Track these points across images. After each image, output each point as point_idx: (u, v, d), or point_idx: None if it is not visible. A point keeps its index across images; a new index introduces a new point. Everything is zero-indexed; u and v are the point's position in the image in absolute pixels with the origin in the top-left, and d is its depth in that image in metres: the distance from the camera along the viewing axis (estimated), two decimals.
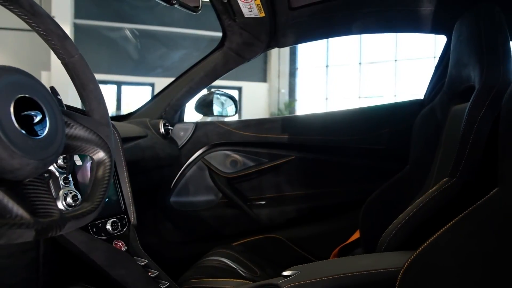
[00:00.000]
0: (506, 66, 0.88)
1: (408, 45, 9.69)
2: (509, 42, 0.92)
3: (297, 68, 11.33)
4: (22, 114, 0.48)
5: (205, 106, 1.59)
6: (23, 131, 0.47)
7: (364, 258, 0.85)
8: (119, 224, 0.90)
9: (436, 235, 0.62)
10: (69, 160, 0.76)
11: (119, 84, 9.87)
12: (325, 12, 1.26)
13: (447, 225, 0.62)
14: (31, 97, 0.50)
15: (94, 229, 0.85)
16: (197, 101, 1.59)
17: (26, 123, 0.48)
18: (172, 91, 1.48)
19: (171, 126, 1.47)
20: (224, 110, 1.69)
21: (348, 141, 1.49)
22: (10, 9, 0.53)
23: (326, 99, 11.21)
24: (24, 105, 0.48)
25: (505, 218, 0.56)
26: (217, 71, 1.42)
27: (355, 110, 1.59)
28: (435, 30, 1.27)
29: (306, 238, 1.44)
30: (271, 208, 1.50)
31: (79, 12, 8.92)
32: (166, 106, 1.49)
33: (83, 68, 0.63)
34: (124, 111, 7.69)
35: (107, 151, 0.64)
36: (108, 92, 9.19)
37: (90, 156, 0.64)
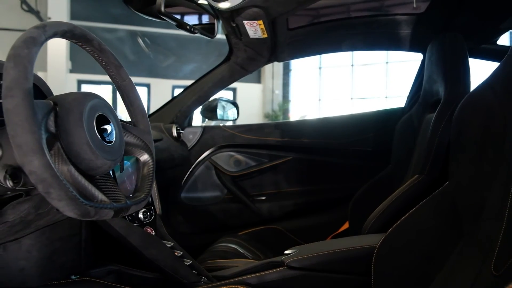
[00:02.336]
0: (465, 84, 1.08)
1: None
2: (468, 64, 1.12)
3: (291, 70, 11.46)
4: (100, 127, 0.66)
5: (209, 111, 1.76)
6: (101, 140, 0.65)
7: (350, 239, 1.04)
8: (148, 213, 1.07)
9: (402, 218, 0.82)
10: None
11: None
12: (318, 33, 1.45)
13: (411, 211, 0.82)
14: (104, 115, 0.68)
15: (129, 217, 1.03)
16: (203, 107, 1.75)
17: (101, 133, 0.66)
18: (183, 99, 1.65)
19: (182, 130, 1.64)
20: (226, 114, 1.86)
21: (338, 143, 1.67)
22: (84, 48, 0.71)
23: (319, 100, 11.35)
24: (99, 120, 0.66)
25: (450, 204, 0.76)
26: (223, 81, 1.59)
27: (345, 116, 1.78)
28: (413, 49, 1.47)
29: (302, 228, 1.62)
30: (271, 202, 1.68)
31: (75, 13, 8.95)
32: (177, 112, 1.65)
33: (132, 89, 0.82)
34: (119, 111, 7.73)
35: (150, 153, 0.82)
36: (103, 93, 9.25)
37: (137, 158, 0.83)
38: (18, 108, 0.49)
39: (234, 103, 1.89)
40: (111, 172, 0.91)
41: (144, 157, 0.82)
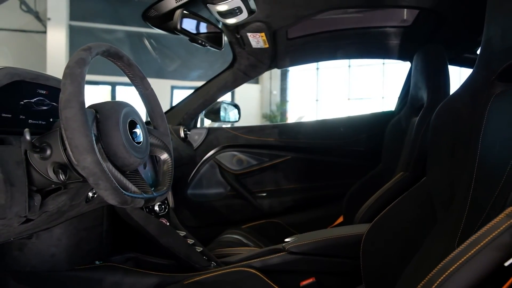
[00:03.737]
0: (445, 91, 1.21)
1: None
2: (448, 73, 1.26)
3: (289, 70, 11.53)
4: (131, 130, 0.79)
5: (213, 113, 1.88)
6: (132, 141, 0.77)
7: (342, 228, 1.17)
8: (162, 206, 1.20)
9: (386, 209, 0.95)
10: None
11: (113, 84, 10.04)
12: (314, 42, 1.57)
13: (393, 202, 0.95)
14: (134, 120, 0.81)
15: (147, 209, 1.15)
16: (207, 109, 1.87)
17: (132, 135, 0.79)
18: (189, 102, 1.78)
19: (188, 131, 1.76)
20: (227, 116, 1.98)
21: (334, 144, 1.80)
22: (115, 63, 0.84)
23: (317, 100, 11.45)
24: (130, 124, 0.79)
25: (427, 196, 0.89)
26: (227, 86, 1.72)
27: (339, 119, 1.91)
28: (401, 57, 1.61)
29: (300, 222, 1.75)
30: (271, 198, 1.81)
31: (73, 14, 9.00)
32: (184, 114, 1.77)
33: (153, 97, 0.94)
34: None
35: (169, 153, 0.95)
36: (102, 93, 9.31)
37: (157, 156, 0.95)
38: (76, 117, 0.61)
39: (235, 106, 2.01)
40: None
41: (164, 155, 0.95)
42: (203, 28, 1.19)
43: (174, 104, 1.84)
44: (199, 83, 1.85)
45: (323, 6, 1.22)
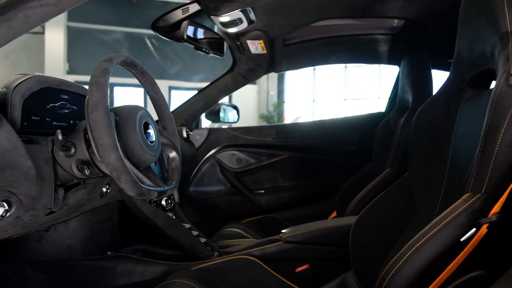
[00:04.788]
0: (428, 95, 1.32)
1: None
2: (431, 78, 1.37)
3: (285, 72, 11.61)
4: (146, 131, 0.89)
5: (213, 114, 1.98)
6: (146, 140, 0.87)
7: (334, 220, 1.28)
8: (169, 201, 1.30)
9: (372, 202, 1.05)
10: None
11: (111, 85, 10.08)
12: (310, 48, 1.68)
13: (379, 195, 1.05)
14: (147, 122, 0.91)
15: (155, 203, 1.25)
16: (207, 111, 1.97)
17: (146, 135, 0.89)
18: (191, 104, 1.87)
19: (190, 132, 1.86)
20: (226, 117, 2.08)
21: (328, 143, 1.91)
22: (130, 71, 0.94)
23: (313, 101, 11.53)
24: (144, 126, 0.89)
25: (408, 189, 1.00)
26: (227, 89, 1.82)
27: (333, 120, 2.02)
28: (390, 62, 1.72)
29: (296, 217, 1.85)
30: (269, 195, 1.91)
31: (72, 15, 9.03)
32: (186, 115, 1.87)
33: (163, 101, 1.04)
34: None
35: (177, 151, 1.05)
36: None
37: (166, 154, 1.05)
38: (102, 119, 0.71)
39: (234, 107, 2.12)
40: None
41: (173, 154, 1.05)
42: (206, 36, 1.29)
43: (171, 104, 1.93)
44: (197, 84, 1.95)
45: (317, 17, 1.33)
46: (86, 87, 0.99)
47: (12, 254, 1.15)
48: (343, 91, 11.11)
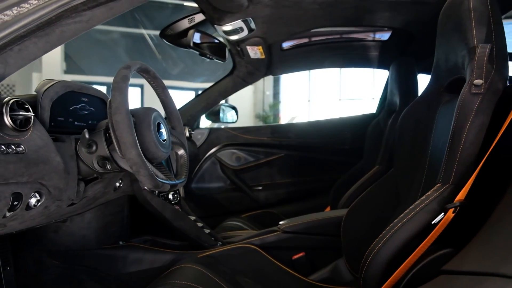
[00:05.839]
0: (413, 97, 1.43)
1: None
2: (417, 82, 1.48)
3: None
4: (159, 130, 0.99)
5: (213, 115, 2.08)
6: (159, 138, 0.98)
7: (327, 212, 1.39)
8: (175, 195, 1.40)
9: (360, 196, 1.17)
10: None
11: (109, 85, 10.09)
12: (306, 53, 1.79)
13: (367, 190, 1.17)
14: (160, 122, 1.01)
15: (163, 197, 1.36)
16: (207, 112, 2.07)
17: (159, 134, 0.99)
18: (193, 105, 1.97)
19: (192, 131, 1.96)
20: (225, 117, 2.18)
21: (322, 142, 2.02)
22: (143, 76, 1.04)
23: (309, 101, 11.63)
24: (157, 125, 0.99)
25: (393, 184, 1.11)
26: (227, 91, 1.93)
27: (327, 120, 2.13)
28: (380, 67, 1.83)
29: (292, 212, 1.94)
30: (267, 191, 2.02)
31: None
32: (188, 116, 1.97)
33: (172, 103, 1.14)
34: None
35: (185, 149, 1.15)
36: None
37: (175, 152, 1.15)
38: (124, 120, 0.82)
39: (233, 107, 2.22)
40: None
41: (181, 151, 1.15)
42: (209, 43, 1.40)
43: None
44: (194, 84, 2.05)
45: (312, 25, 1.44)
46: (98, 88, 1.10)
47: (31, 244, 1.25)
48: (338, 92, 11.23)
